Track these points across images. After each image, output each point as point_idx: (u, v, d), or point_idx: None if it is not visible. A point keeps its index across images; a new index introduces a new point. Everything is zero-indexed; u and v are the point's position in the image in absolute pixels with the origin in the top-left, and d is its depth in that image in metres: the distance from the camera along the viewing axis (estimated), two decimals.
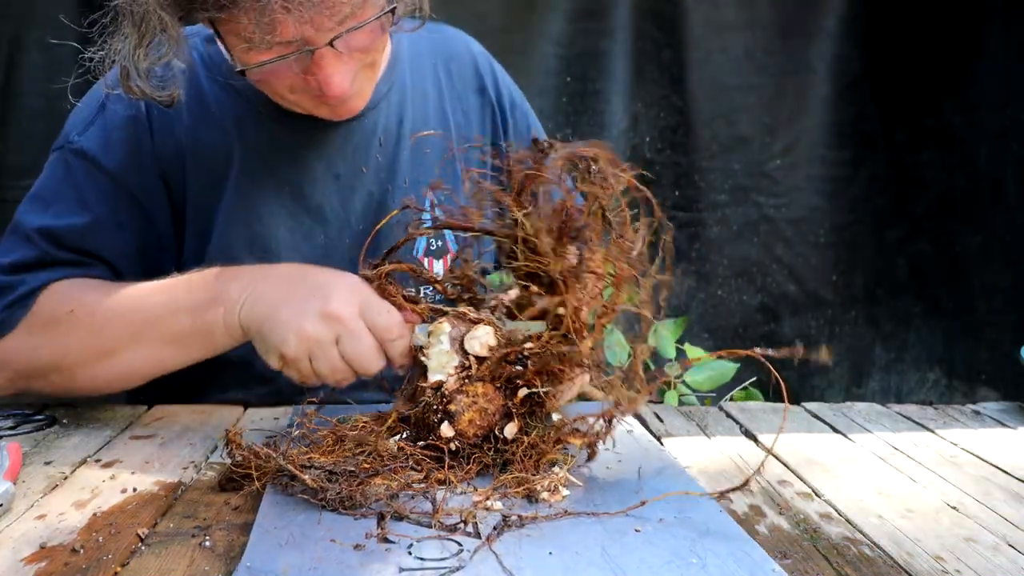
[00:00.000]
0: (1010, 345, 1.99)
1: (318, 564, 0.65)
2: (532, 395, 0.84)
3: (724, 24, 2.12)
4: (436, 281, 0.94)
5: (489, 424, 0.84)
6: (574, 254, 0.85)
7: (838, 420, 1.16)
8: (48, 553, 0.70)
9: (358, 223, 1.18)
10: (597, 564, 0.66)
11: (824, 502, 0.86)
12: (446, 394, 0.83)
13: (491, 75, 1.32)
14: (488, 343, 0.83)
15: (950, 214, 2.20)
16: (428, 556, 0.67)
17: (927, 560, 0.73)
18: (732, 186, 2.18)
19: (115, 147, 1.09)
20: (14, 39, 1.78)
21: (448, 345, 0.84)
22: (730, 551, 0.69)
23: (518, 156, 0.85)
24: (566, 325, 0.83)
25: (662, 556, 0.68)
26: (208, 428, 1.04)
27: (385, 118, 1.19)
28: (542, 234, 0.83)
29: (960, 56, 2.13)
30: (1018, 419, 1.19)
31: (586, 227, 0.83)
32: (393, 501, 0.75)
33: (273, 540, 0.69)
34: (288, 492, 0.78)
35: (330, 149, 1.15)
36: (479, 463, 0.83)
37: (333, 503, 0.75)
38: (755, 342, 2.23)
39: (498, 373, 0.84)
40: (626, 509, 0.77)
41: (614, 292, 0.85)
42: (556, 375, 0.84)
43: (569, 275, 0.83)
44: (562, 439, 0.86)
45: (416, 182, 1.21)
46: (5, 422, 1.03)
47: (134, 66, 0.91)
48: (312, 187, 1.15)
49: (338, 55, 0.95)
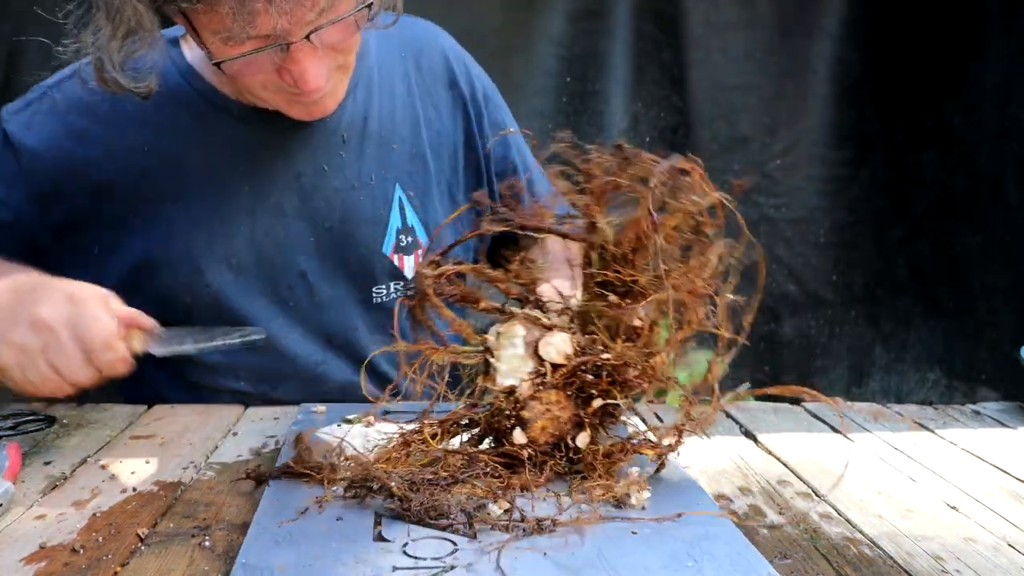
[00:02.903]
0: (1010, 345, 1.99)
1: (314, 562, 0.66)
2: (606, 406, 0.82)
3: (724, 24, 2.12)
4: (499, 281, 0.90)
5: (560, 432, 0.82)
6: (655, 267, 0.82)
7: (838, 420, 1.16)
8: (48, 553, 0.70)
9: (323, 221, 1.17)
10: (593, 565, 0.66)
11: (824, 502, 0.86)
12: (520, 400, 0.81)
13: (463, 69, 1.31)
14: (564, 351, 0.82)
15: (950, 214, 2.20)
16: (423, 555, 0.67)
17: (927, 560, 0.73)
18: (732, 186, 2.18)
19: (37, 134, 1.10)
20: (14, 39, 1.78)
21: (522, 349, 0.82)
22: (727, 554, 0.69)
23: (600, 160, 0.82)
24: (644, 338, 0.81)
25: (659, 559, 0.68)
26: (208, 428, 1.04)
27: (349, 115, 1.19)
28: (624, 242, 0.80)
29: (960, 56, 2.13)
30: (1018, 419, 1.19)
31: (669, 240, 0.80)
32: (480, 511, 0.74)
33: (270, 538, 0.69)
34: (360, 501, 0.76)
35: (291, 148, 1.15)
36: (552, 471, 0.82)
37: (418, 513, 0.72)
38: (755, 342, 2.23)
39: (571, 381, 0.82)
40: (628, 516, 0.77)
41: (691, 309, 0.83)
42: (630, 387, 0.82)
43: (649, 287, 0.81)
44: (634, 450, 0.84)
45: (383, 179, 1.20)
46: (5, 422, 1.02)
47: (108, 58, 0.91)
48: (271, 186, 1.15)
49: (314, 50, 0.95)
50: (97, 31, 0.90)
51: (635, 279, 0.81)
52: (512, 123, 1.37)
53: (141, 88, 0.96)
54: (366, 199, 1.19)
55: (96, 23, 0.90)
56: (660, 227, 0.80)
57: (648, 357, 0.82)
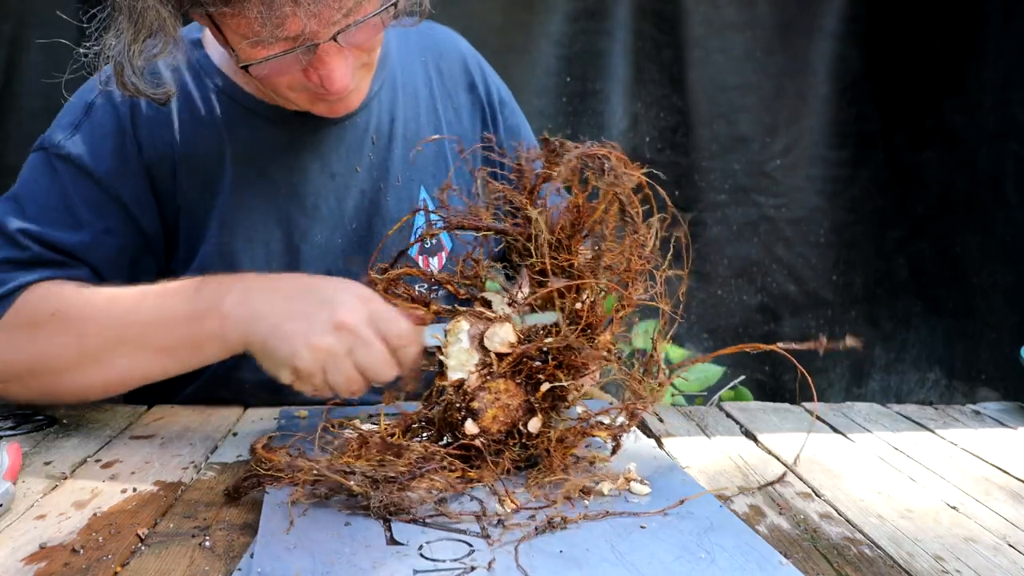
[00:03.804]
0: (1010, 345, 1.99)
1: (330, 568, 0.65)
2: (553, 389, 0.84)
3: (724, 24, 2.12)
4: (447, 282, 0.93)
5: (512, 420, 0.84)
6: (589, 250, 0.85)
7: (838, 420, 1.16)
8: (48, 553, 0.70)
9: (351, 222, 1.17)
10: (609, 560, 0.67)
11: (824, 502, 0.86)
12: (468, 392, 0.83)
13: (480, 73, 1.32)
14: (508, 340, 0.84)
15: (950, 214, 2.20)
16: (441, 557, 0.67)
17: (927, 560, 0.73)
18: (732, 186, 2.18)
19: (103, 153, 1.08)
20: (14, 39, 1.78)
21: (467, 343, 0.84)
22: (736, 545, 0.69)
23: (529, 155, 0.84)
24: (584, 319, 0.83)
25: (671, 551, 0.68)
26: (208, 428, 1.04)
27: (377, 116, 1.19)
28: (557, 231, 0.83)
29: (960, 56, 2.13)
30: (1018, 419, 1.19)
31: (600, 223, 0.83)
32: (441, 504, 0.75)
33: (281, 545, 0.69)
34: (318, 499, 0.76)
35: (324, 148, 1.15)
36: (508, 460, 0.83)
37: (379, 510, 0.73)
38: (755, 342, 2.23)
39: (518, 369, 0.84)
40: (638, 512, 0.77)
41: (629, 286, 0.85)
42: (576, 369, 0.84)
43: (585, 270, 0.84)
44: (587, 432, 0.86)
45: (409, 180, 1.21)
46: (5, 422, 1.03)
47: (129, 62, 0.90)
48: (307, 187, 1.14)
49: (340, 50, 0.95)
50: (119, 34, 0.90)
51: (572, 263, 0.83)
52: (526, 127, 1.39)
53: (159, 94, 0.95)
54: (393, 200, 1.19)
55: (118, 27, 0.90)
56: (591, 211, 0.83)
57: (591, 337, 0.84)
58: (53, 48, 0.96)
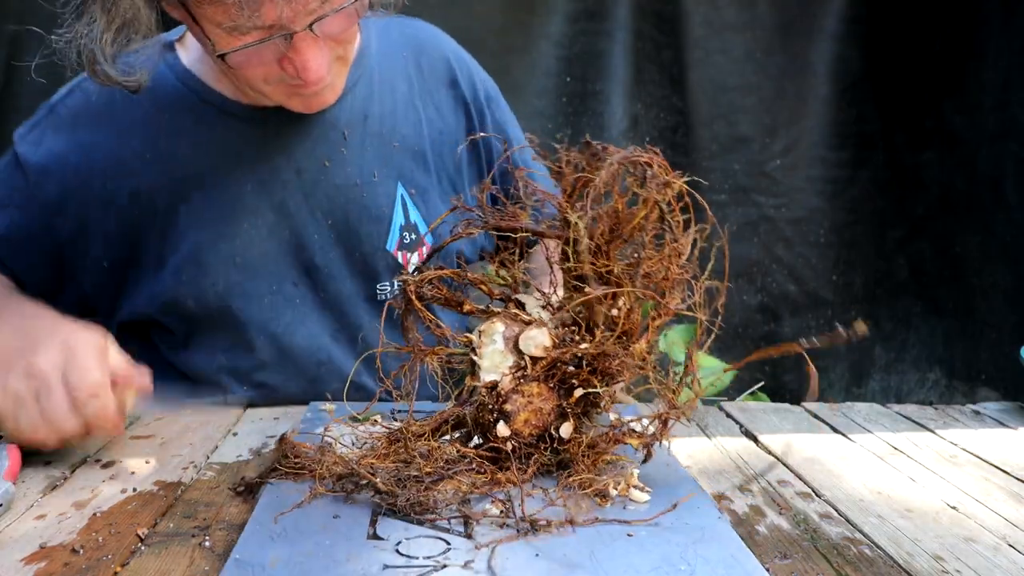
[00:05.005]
0: (1010, 345, 1.99)
1: (306, 558, 0.66)
2: (587, 395, 0.83)
3: (724, 24, 2.12)
4: (480, 283, 0.92)
5: (544, 424, 0.83)
6: (628, 256, 0.84)
7: (838, 420, 1.16)
8: (48, 553, 0.70)
9: (326, 217, 1.17)
10: (584, 568, 0.66)
11: (824, 502, 0.86)
12: (501, 394, 0.82)
13: (464, 69, 1.32)
14: (543, 343, 0.83)
15: (950, 214, 2.20)
16: (415, 554, 0.67)
17: (927, 560, 0.73)
18: (732, 186, 2.18)
19: (44, 151, 1.11)
20: (14, 39, 1.78)
21: (502, 345, 0.83)
22: (721, 558, 0.68)
23: (570, 158, 0.84)
24: (620, 326, 0.83)
25: (651, 561, 0.67)
26: (208, 428, 1.04)
27: (348, 111, 1.19)
28: (596, 236, 0.82)
29: (960, 56, 2.13)
30: (1018, 419, 1.19)
31: (640, 229, 0.82)
32: (465, 506, 0.75)
33: (265, 534, 0.70)
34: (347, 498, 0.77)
35: (291, 143, 1.15)
36: (537, 463, 0.83)
37: (403, 509, 0.73)
38: (755, 342, 2.24)
39: (552, 373, 0.83)
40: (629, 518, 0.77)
41: (667, 295, 0.85)
42: (611, 375, 0.83)
43: (623, 277, 0.83)
44: (619, 439, 0.85)
45: (386, 176, 1.21)
46: None
47: (100, 51, 0.91)
48: (274, 183, 1.15)
49: (316, 40, 0.96)
50: (92, 22, 0.90)
51: (610, 269, 0.83)
52: (514, 124, 1.38)
53: (131, 82, 0.96)
54: (369, 196, 1.19)
55: (91, 14, 0.90)
56: (631, 217, 0.82)
57: (626, 345, 0.83)
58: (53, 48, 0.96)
